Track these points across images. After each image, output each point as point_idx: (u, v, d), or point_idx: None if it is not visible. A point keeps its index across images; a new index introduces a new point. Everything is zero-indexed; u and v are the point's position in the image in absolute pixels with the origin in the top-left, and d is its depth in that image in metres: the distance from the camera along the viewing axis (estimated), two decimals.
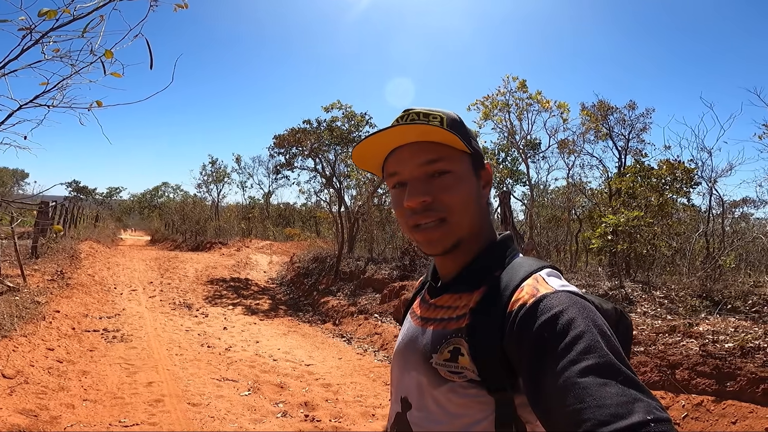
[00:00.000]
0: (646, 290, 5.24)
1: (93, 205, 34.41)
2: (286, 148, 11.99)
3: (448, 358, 0.68)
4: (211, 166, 23.62)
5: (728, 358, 3.31)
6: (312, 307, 9.01)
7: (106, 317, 6.66)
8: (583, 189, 10.30)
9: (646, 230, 5.87)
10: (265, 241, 18.39)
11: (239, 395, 4.12)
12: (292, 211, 26.36)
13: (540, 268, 0.69)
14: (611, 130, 8.84)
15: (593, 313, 0.59)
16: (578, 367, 0.52)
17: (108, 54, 1.92)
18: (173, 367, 4.72)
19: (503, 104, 8.64)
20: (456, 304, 0.73)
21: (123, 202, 40.39)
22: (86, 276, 9.43)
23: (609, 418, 0.47)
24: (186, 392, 4.07)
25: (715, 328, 3.71)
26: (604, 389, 0.49)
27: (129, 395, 3.91)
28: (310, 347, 6.04)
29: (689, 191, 6.77)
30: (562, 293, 0.62)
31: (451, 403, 0.67)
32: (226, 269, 12.34)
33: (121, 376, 4.35)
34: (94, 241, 14.96)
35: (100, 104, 2.10)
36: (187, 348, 5.47)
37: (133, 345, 5.39)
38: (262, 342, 6.08)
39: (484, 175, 0.77)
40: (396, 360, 0.81)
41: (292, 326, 7.33)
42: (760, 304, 4.13)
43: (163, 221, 25.91)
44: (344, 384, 4.59)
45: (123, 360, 4.82)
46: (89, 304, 7.34)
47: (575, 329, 0.56)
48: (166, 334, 6.00)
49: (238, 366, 4.95)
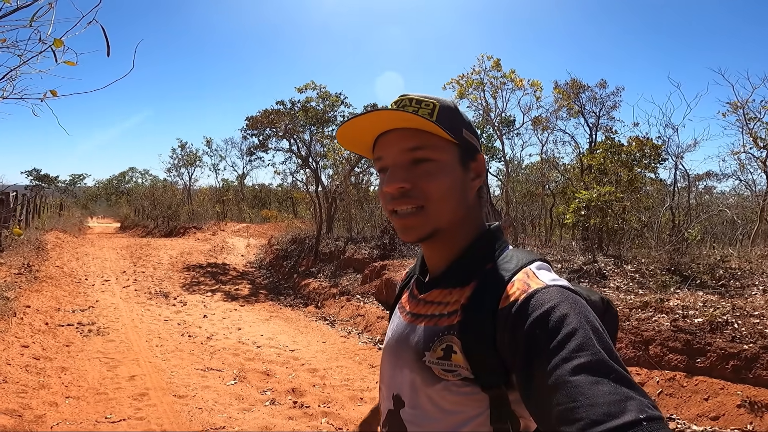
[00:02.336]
0: (618, 264, 5.46)
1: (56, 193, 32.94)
2: (259, 129, 11.71)
3: (441, 356, 0.67)
4: (181, 150, 22.85)
5: (698, 333, 3.44)
6: (293, 290, 9.00)
7: (80, 310, 6.48)
8: (557, 164, 10.52)
9: (617, 205, 6.08)
10: (241, 223, 18.10)
11: (225, 385, 4.12)
12: (268, 192, 25.94)
13: (530, 261, 0.68)
14: (583, 108, 9.00)
15: (585, 308, 0.59)
16: (570, 365, 0.52)
17: (58, 43, 1.81)
18: (155, 359, 4.66)
19: (478, 83, 8.64)
20: (446, 299, 0.72)
21: (88, 189, 38.77)
22: (55, 268, 9.10)
23: (601, 417, 0.47)
24: (171, 384, 4.04)
25: (685, 303, 3.86)
26: (597, 387, 0.49)
27: (112, 390, 3.85)
28: (293, 332, 6.06)
29: (657, 166, 7.01)
30: (553, 288, 0.61)
31: (445, 400, 0.66)
32: (202, 254, 12.13)
33: (101, 371, 4.27)
34: (60, 230, 14.37)
35: (55, 94, 2.00)
36: (168, 338, 5.40)
37: (111, 338, 5.28)
38: (245, 329, 6.07)
39: (474, 167, 0.75)
40: (386, 356, 0.79)
41: (274, 311, 7.33)
42: (727, 278, 4.35)
43: (133, 207, 25.09)
44: (330, 368, 4.64)
45: (102, 354, 4.73)
46: (60, 297, 7.12)
47: (567, 326, 0.55)
48: (144, 325, 5.90)
49: (221, 355, 4.93)
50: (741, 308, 3.64)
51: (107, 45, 1.97)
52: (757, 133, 7.23)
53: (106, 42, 1.95)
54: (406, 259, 7.68)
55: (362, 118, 0.72)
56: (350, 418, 3.55)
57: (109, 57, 1.98)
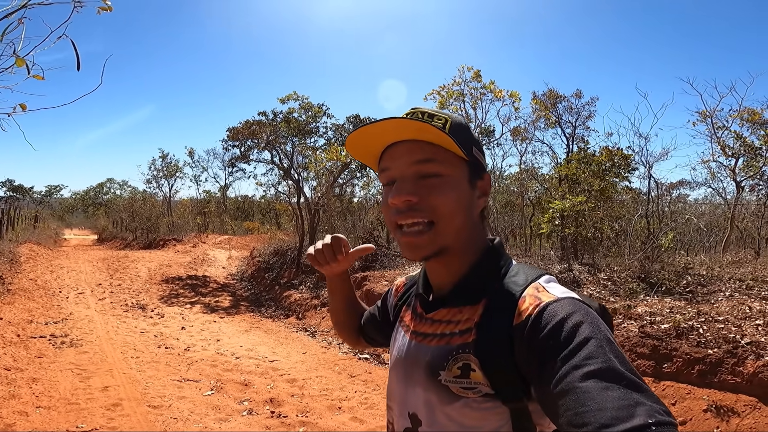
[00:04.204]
0: (592, 272, 5.59)
1: (32, 204, 32.05)
2: (240, 140, 11.66)
3: (458, 374, 0.67)
4: (162, 161, 22.54)
5: (665, 338, 3.50)
6: (274, 301, 8.93)
7: (53, 322, 6.32)
8: (536, 174, 10.74)
9: (590, 214, 6.25)
10: (223, 235, 17.89)
11: (202, 395, 4.07)
12: (251, 203, 25.69)
13: (537, 276, 0.70)
14: (560, 118, 9.24)
15: (597, 319, 0.60)
16: (581, 371, 0.53)
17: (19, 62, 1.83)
18: (129, 371, 4.58)
19: (458, 94, 8.81)
20: (456, 318, 0.72)
21: (64, 200, 37.81)
22: (28, 280, 8.87)
23: (609, 420, 0.48)
24: (145, 395, 3.97)
25: (652, 309, 3.96)
26: (606, 393, 0.50)
27: (84, 400, 3.78)
28: (273, 343, 6.01)
29: (628, 176, 7.23)
30: (565, 300, 0.63)
31: (466, 417, 0.67)
32: (182, 267, 11.95)
33: (74, 382, 4.19)
34: (34, 243, 14.01)
35: (24, 107, 1.99)
36: (143, 350, 5.30)
37: (84, 350, 5.17)
38: (224, 340, 5.99)
39: (480, 185, 0.75)
40: (395, 374, 0.79)
41: (255, 322, 7.25)
42: (694, 285, 4.48)
43: (111, 219, 24.57)
44: (309, 378, 4.62)
45: (74, 365, 4.63)
46: (33, 309, 6.94)
47: (580, 335, 0.57)
48: (120, 337, 5.78)
49: (199, 366, 4.86)
50: (706, 314, 3.77)
51: (77, 59, 1.98)
52: (725, 141, 7.51)
53: (77, 56, 1.97)
54: (386, 270, 7.72)
55: (375, 126, 0.70)
56: (328, 427, 3.54)
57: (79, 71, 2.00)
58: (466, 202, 0.72)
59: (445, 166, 0.70)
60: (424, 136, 0.70)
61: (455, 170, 0.71)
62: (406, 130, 0.70)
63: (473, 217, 0.74)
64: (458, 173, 0.71)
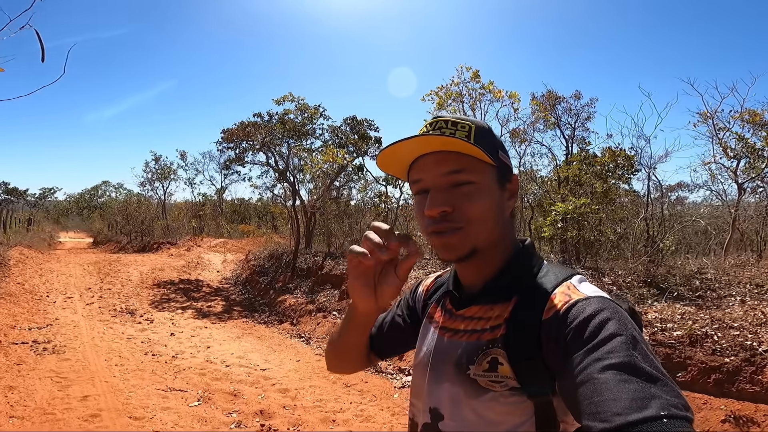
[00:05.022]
0: (596, 276, 5.41)
1: (26, 207, 31.71)
2: (235, 142, 11.46)
3: (486, 368, 0.69)
4: (155, 163, 22.27)
5: (678, 346, 3.33)
6: (268, 306, 8.71)
7: (36, 328, 6.10)
8: (535, 177, 10.57)
9: (593, 217, 6.06)
10: (218, 239, 17.66)
11: (188, 406, 3.86)
12: (248, 206, 25.47)
13: (570, 275, 0.71)
14: (559, 120, 9.08)
15: (625, 317, 0.61)
16: (601, 364, 0.54)
17: None
18: (112, 379, 4.36)
19: (457, 94, 8.64)
20: (487, 315, 0.73)
21: (59, 203, 37.44)
22: (15, 285, 8.62)
23: (622, 410, 0.49)
24: (127, 405, 3.76)
25: (662, 316, 3.77)
26: (623, 385, 0.51)
27: (61, 410, 3.58)
28: (266, 350, 5.79)
29: (630, 177, 7.07)
30: (594, 298, 0.64)
31: (491, 411, 0.68)
32: (175, 270, 11.71)
33: (52, 391, 3.97)
34: (25, 246, 13.73)
35: None
36: (129, 357, 5.08)
37: (66, 356, 4.94)
38: (214, 347, 5.77)
39: (509, 187, 0.77)
40: (421, 370, 0.80)
41: (247, 328, 7.03)
42: (703, 289, 4.30)
43: (106, 222, 24.28)
44: (303, 388, 4.41)
45: (54, 373, 4.42)
46: (18, 314, 6.70)
47: (606, 331, 0.58)
48: (105, 344, 5.55)
49: (186, 374, 4.64)
50: (720, 320, 3.59)
51: (42, 50, 1.89)
52: (727, 143, 7.36)
53: (41, 46, 1.86)
54: None
55: (403, 144, 0.72)
56: None
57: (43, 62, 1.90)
58: (497, 206, 0.74)
59: (475, 174, 0.72)
60: (451, 148, 0.71)
61: (485, 176, 0.73)
62: (432, 144, 0.72)
63: (504, 219, 0.76)
64: (488, 179, 0.73)
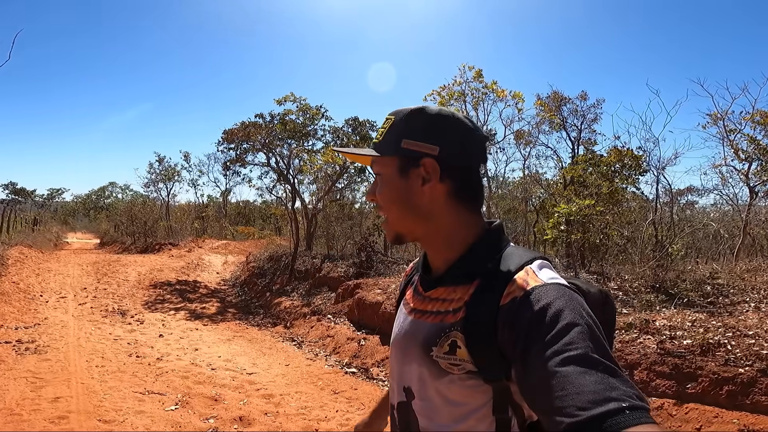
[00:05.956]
0: (601, 281, 5.14)
1: (33, 207, 31.97)
2: (236, 143, 11.34)
3: (447, 351, 0.70)
4: (159, 164, 22.25)
5: (688, 356, 3.08)
6: (264, 309, 8.52)
7: (24, 327, 5.96)
8: (539, 180, 10.31)
9: (598, 219, 5.80)
10: (221, 240, 17.57)
11: (164, 410, 3.65)
12: (252, 208, 25.36)
13: (531, 259, 0.71)
14: (565, 121, 8.83)
15: (580, 305, 0.62)
16: (561, 357, 0.55)
17: None
18: (90, 380, 4.18)
19: (459, 94, 8.45)
20: (451, 296, 0.74)
21: (66, 204, 37.70)
22: (10, 284, 8.53)
23: (586, 404, 0.50)
24: (99, 408, 3.57)
25: (671, 323, 3.51)
26: (584, 378, 0.53)
27: (29, 411, 3.41)
28: (255, 353, 5.59)
29: (638, 179, 6.80)
30: (551, 285, 0.64)
31: (452, 393, 0.69)
32: (174, 271, 11.58)
33: (24, 391, 3.80)
34: (26, 246, 13.70)
35: None
36: (112, 359, 4.90)
37: (47, 357, 4.78)
38: (202, 349, 5.58)
39: (416, 173, 0.75)
40: (395, 350, 0.82)
41: (239, 331, 6.84)
42: (715, 295, 4.02)
43: (112, 223, 24.32)
44: (288, 394, 4.19)
45: (31, 373, 4.25)
46: (7, 313, 6.58)
47: (562, 321, 0.58)
48: (90, 344, 5.39)
49: (168, 377, 4.45)
50: (733, 327, 3.32)
51: None
52: (739, 144, 7.06)
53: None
54: (381, 278, 7.29)
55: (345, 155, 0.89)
56: None
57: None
58: (402, 194, 0.76)
59: (381, 166, 0.79)
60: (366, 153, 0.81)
61: (387, 168, 0.78)
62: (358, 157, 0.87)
63: (421, 205, 0.76)
64: (389, 170, 0.77)
